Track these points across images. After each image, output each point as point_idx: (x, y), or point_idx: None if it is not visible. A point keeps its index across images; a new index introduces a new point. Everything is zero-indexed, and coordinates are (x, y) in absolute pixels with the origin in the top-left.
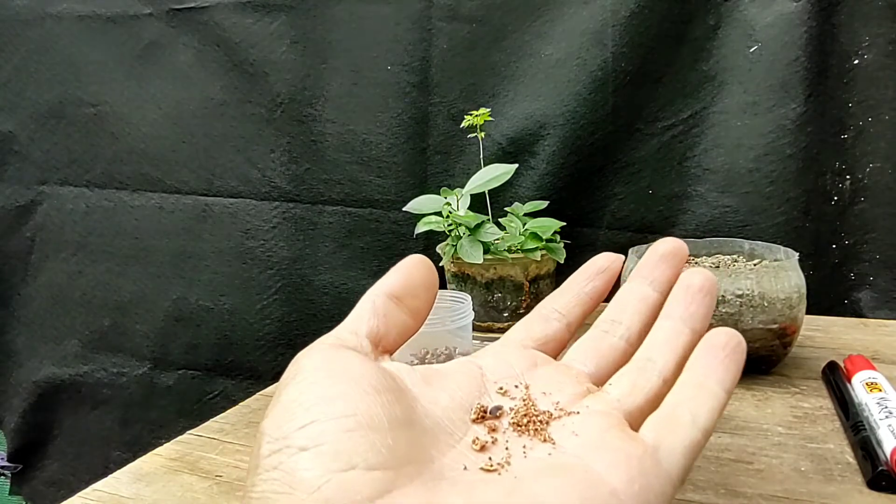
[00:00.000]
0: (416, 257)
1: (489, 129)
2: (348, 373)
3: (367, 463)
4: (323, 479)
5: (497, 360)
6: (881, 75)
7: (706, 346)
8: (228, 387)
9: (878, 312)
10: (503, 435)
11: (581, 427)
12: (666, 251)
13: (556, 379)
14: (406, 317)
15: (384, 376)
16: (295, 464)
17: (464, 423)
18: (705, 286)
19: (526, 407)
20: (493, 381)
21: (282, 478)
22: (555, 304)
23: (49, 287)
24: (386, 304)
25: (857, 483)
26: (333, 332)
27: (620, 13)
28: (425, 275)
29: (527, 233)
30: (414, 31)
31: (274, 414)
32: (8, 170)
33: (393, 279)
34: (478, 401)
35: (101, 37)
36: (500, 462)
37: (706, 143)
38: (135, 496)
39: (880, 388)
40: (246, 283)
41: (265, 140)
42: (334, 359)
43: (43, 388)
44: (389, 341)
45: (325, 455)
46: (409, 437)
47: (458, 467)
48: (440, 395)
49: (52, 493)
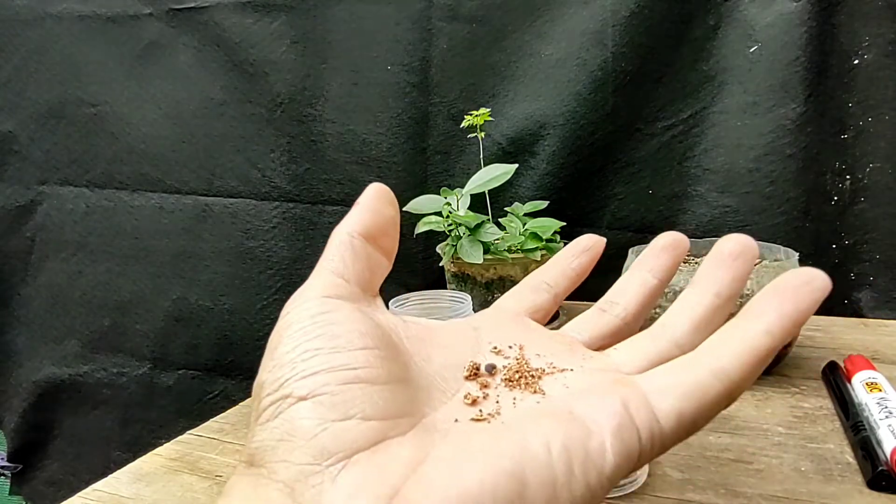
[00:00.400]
0: (379, 188)
1: (489, 129)
2: (345, 325)
3: (363, 413)
4: (320, 427)
5: (491, 322)
6: (881, 75)
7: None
8: (228, 387)
9: (878, 312)
10: (494, 390)
11: (573, 380)
12: (666, 243)
13: (551, 343)
14: (382, 257)
15: (382, 331)
16: (294, 412)
17: (456, 381)
18: (735, 251)
19: (519, 364)
20: (488, 342)
21: (281, 426)
22: (543, 277)
23: (49, 287)
24: (365, 246)
25: (857, 483)
26: (320, 278)
27: (620, 13)
28: (393, 211)
29: (527, 233)
30: (414, 31)
31: (271, 366)
32: (8, 170)
33: (367, 218)
34: (471, 359)
35: (101, 37)
36: (491, 413)
37: (706, 143)
38: (135, 496)
39: (880, 388)
40: (246, 283)
41: (265, 140)
42: (329, 310)
43: (43, 388)
44: (374, 284)
45: (323, 405)
46: (404, 392)
47: (449, 420)
48: (434, 354)
49: (52, 493)
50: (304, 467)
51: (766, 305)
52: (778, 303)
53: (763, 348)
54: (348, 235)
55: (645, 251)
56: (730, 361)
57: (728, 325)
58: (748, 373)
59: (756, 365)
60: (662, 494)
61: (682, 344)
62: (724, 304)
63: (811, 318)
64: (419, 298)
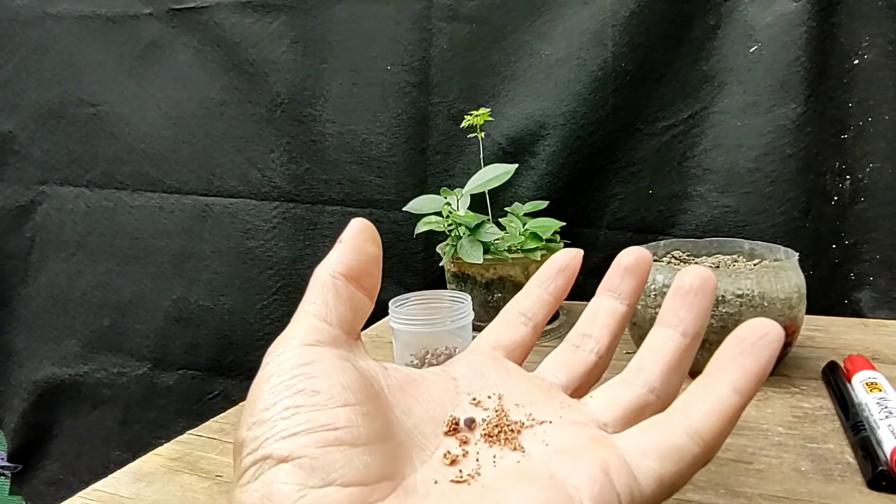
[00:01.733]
0: (362, 224)
1: (489, 129)
2: (326, 378)
3: (343, 479)
4: (300, 493)
5: (470, 370)
6: (881, 75)
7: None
8: (228, 387)
9: (878, 312)
10: (474, 447)
11: (552, 436)
12: (629, 263)
13: (529, 390)
14: (365, 298)
15: (364, 381)
16: (274, 476)
17: (436, 437)
18: (694, 286)
19: (498, 417)
20: (467, 393)
21: (260, 489)
22: (520, 308)
23: (49, 287)
24: (347, 286)
25: (857, 483)
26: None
27: (620, 13)
28: (374, 248)
29: (527, 233)
30: (414, 31)
31: (251, 423)
32: (8, 170)
33: (349, 258)
34: (451, 412)
35: (101, 37)
36: (471, 473)
37: (706, 143)
38: (135, 496)
39: (880, 388)
40: (246, 283)
41: (265, 140)
42: (311, 360)
43: (43, 388)
44: (356, 326)
45: (302, 468)
46: (385, 453)
47: (429, 481)
48: (414, 406)
49: (52, 493)
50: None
51: (730, 363)
52: (741, 360)
53: (733, 407)
54: (331, 277)
55: (610, 271)
56: (704, 423)
57: (698, 385)
58: (722, 433)
59: (728, 425)
60: None
61: (655, 388)
62: (692, 343)
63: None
64: (419, 298)
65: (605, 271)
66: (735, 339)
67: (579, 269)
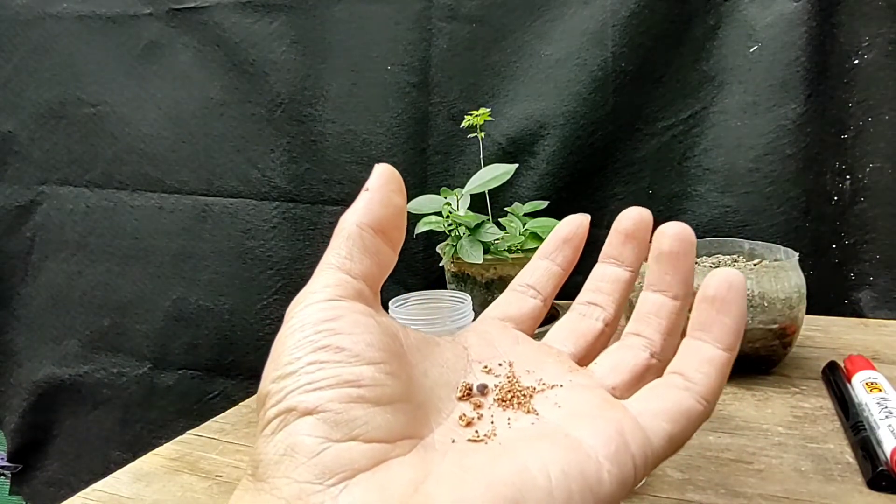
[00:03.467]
0: (389, 172)
1: (489, 129)
2: (351, 335)
3: (366, 436)
4: (322, 446)
5: (480, 339)
6: (881, 75)
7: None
8: (228, 387)
9: (878, 312)
10: (488, 410)
11: (564, 399)
12: (628, 229)
13: (539, 357)
14: (390, 251)
15: (387, 339)
16: (298, 427)
17: (450, 401)
18: (674, 248)
19: (510, 383)
20: (478, 361)
21: (284, 440)
22: (528, 280)
23: (49, 287)
24: (374, 240)
25: (857, 483)
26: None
27: (620, 13)
28: (402, 200)
29: (527, 233)
30: (414, 31)
31: (275, 377)
32: (8, 170)
33: (376, 209)
34: (463, 379)
35: (101, 37)
36: (487, 433)
37: (706, 143)
38: (135, 496)
39: (880, 388)
40: (246, 283)
41: (265, 140)
42: (335, 316)
43: (43, 388)
44: (380, 281)
45: (326, 423)
46: (406, 412)
47: (446, 440)
48: (430, 369)
49: (52, 493)
50: (305, 485)
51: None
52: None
53: (725, 363)
54: (358, 228)
55: (609, 236)
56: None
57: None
58: (719, 388)
59: (724, 380)
60: (662, 494)
61: (656, 352)
62: (683, 304)
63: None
64: (419, 298)
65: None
66: (706, 299)
67: (586, 235)
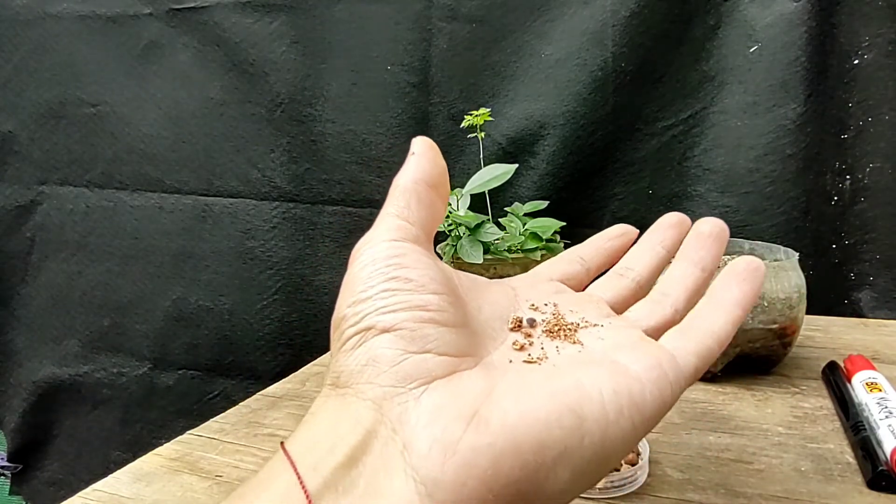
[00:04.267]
0: (428, 141)
1: (489, 129)
2: (416, 269)
3: (437, 349)
4: (401, 356)
5: (526, 284)
6: (881, 75)
7: (726, 272)
8: (228, 387)
9: (878, 312)
10: (538, 340)
11: (605, 334)
12: (672, 222)
13: (580, 302)
14: (441, 204)
15: (446, 276)
16: (377, 342)
17: (503, 331)
18: (714, 232)
19: (556, 318)
20: (525, 300)
21: (365, 353)
22: (577, 251)
23: (49, 287)
24: (428, 192)
25: (857, 483)
26: (387, 222)
27: (620, 13)
28: (444, 161)
29: (527, 233)
30: (414, 31)
31: (352, 301)
32: (8, 170)
33: (427, 167)
34: (513, 314)
35: (101, 37)
36: (539, 357)
37: (706, 143)
38: (135, 496)
39: (880, 388)
40: (246, 283)
41: (265, 140)
42: (401, 253)
43: (43, 388)
44: (432, 231)
45: (403, 338)
46: (467, 336)
47: (504, 361)
48: (483, 305)
49: (52, 493)
50: (389, 389)
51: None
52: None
53: (738, 318)
54: (413, 183)
55: (653, 227)
56: (723, 329)
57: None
58: (730, 337)
59: (734, 329)
60: (662, 494)
61: (679, 309)
62: (708, 277)
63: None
64: None
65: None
66: (733, 270)
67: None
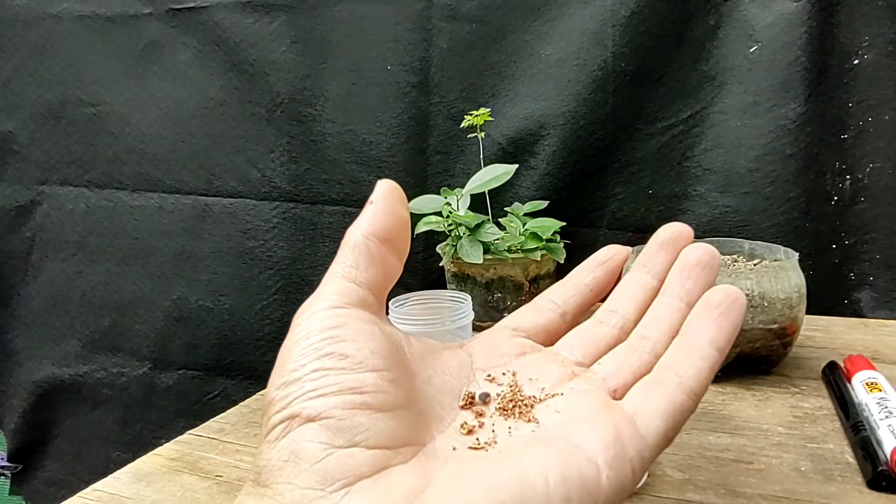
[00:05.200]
0: (391, 186)
1: (489, 129)
2: (355, 342)
3: (368, 442)
4: (325, 452)
5: (486, 347)
6: (881, 75)
7: (701, 305)
8: (228, 387)
9: (878, 312)
10: (489, 419)
11: (564, 406)
12: (665, 238)
13: (543, 365)
14: (395, 261)
15: (390, 347)
16: (301, 434)
17: (452, 409)
18: (702, 260)
19: (513, 393)
20: (482, 369)
21: (288, 446)
22: (551, 295)
23: (49, 287)
24: (380, 248)
25: (857, 483)
26: (332, 285)
27: (620, 13)
28: (405, 211)
29: (527, 233)
30: (414, 31)
31: (280, 383)
32: (8, 170)
33: (381, 219)
34: (466, 388)
35: (101, 37)
36: (487, 441)
37: (706, 143)
38: (135, 496)
39: (880, 388)
40: (246, 283)
41: (265, 140)
42: (340, 324)
43: (43, 388)
44: (385, 289)
45: (329, 429)
46: (408, 419)
47: (448, 448)
48: (433, 377)
49: (52, 493)
50: (308, 491)
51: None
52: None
53: (715, 362)
54: (363, 238)
55: (646, 247)
56: (696, 380)
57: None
58: (707, 385)
59: (711, 377)
60: (662, 494)
61: (659, 353)
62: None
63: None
64: (419, 298)
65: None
66: (710, 303)
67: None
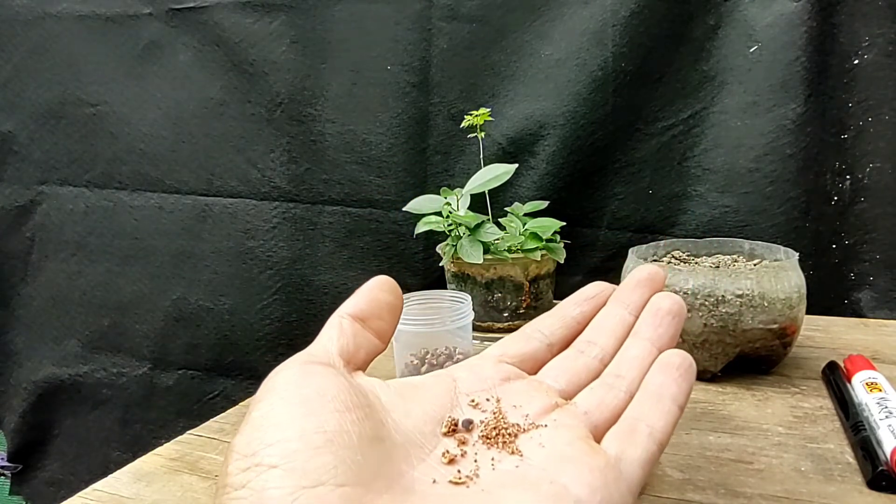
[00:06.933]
0: (381, 279)
1: (489, 129)
2: (319, 390)
3: (336, 479)
4: (292, 496)
5: (471, 373)
6: (881, 75)
7: (662, 364)
8: (228, 387)
9: (878, 312)
10: (472, 447)
11: (548, 439)
12: (642, 278)
13: (527, 393)
14: (372, 337)
15: (355, 392)
16: (264, 482)
17: (434, 436)
18: (673, 309)
19: (496, 420)
20: (466, 394)
21: (250, 496)
22: (539, 325)
23: (49, 287)
24: (352, 324)
25: (857, 483)
26: (306, 350)
27: (620, 13)
28: (389, 297)
29: (527, 233)
30: (414, 31)
31: (245, 431)
32: (8, 170)
33: (358, 301)
34: (449, 414)
35: (101, 37)
36: (469, 475)
37: (706, 143)
38: (135, 496)
39: (880, 388)
40: (246, 283)
41: (265, 140)
42: (306, 375)
43: (43, 388)
44: (359, 359)
45: (295, 472)
46: (379, 452)
47: (427, 480)
48: (413, 408)
49: (52, 493)
50: None
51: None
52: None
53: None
54: (338, 317)
55: (623, 283)
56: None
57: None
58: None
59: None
60: (662, 494)
61: (633, 392)
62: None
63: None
64: (419, 298)
65: (605, 271)
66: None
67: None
